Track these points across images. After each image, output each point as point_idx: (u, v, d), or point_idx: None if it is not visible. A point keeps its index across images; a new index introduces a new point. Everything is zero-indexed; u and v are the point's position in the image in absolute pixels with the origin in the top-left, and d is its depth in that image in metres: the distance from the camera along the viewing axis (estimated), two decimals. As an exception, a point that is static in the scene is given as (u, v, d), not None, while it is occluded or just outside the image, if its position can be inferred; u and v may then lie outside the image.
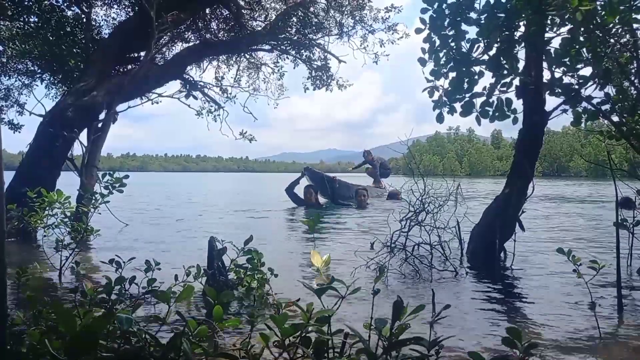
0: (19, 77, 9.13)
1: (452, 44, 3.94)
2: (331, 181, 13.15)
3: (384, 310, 3.15)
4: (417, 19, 3.96)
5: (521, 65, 4.28)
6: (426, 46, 4.02)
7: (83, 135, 7.76)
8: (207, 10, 10.06)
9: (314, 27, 10.19)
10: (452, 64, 3.99)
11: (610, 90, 3.87)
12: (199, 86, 10.46)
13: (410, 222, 5.17)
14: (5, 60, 8.66)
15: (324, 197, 13.14)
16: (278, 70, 11.55)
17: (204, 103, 11.13)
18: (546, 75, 4.38)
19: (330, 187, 13.03)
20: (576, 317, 3.15)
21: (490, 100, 4.06)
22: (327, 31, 10.59)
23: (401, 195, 9.95)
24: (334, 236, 7.11)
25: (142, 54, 8.87)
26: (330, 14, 10.62)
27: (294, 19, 9.96)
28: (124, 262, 3.32)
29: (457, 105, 4.14)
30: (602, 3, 3.21)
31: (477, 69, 4.03)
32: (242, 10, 9.99)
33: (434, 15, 3.84)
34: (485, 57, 3.95)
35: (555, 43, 3.78)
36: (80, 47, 8.57)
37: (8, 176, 4.68)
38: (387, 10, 10.59)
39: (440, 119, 4.20)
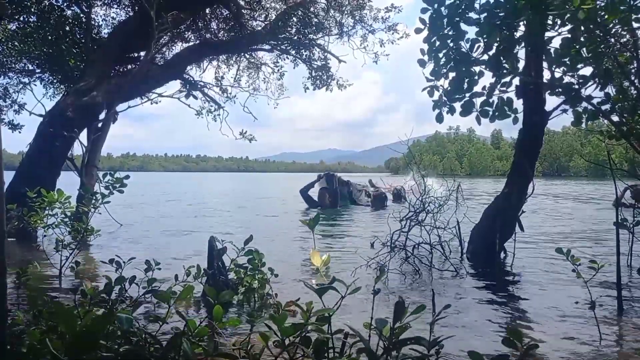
0: (18, 76, 9.12)
1: (451, 44, 3.94)
2: (347, 184, 13.76)
3: (384, 310, 3.15)
4: (417, 19, 3.96)
5: (521, 65, 4.28)
6: (425, 47, 4.01)
7: (83, 135, 7.76)
8: (207, 10, 10.05)
9: (314, 27, 10.18)
10: (452, 63, 3.99)
11: (611, 90, 3.87)
12: (199, 86, 10.45)
13: (410, 222, 5.17)
14: (4, 60, 8.65)
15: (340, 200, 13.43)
16: (278, 70, 11.56)
17: (204, 103, 11.14)
18: (546, 75, 4.39)
19: (347, 191, 13.60)
20: (576, 317, 3.15)
21: (491, 100, 4.06)
22: (327, 31, 10.58)
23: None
24: (335, 236, 7.11)
25: (142, 54, 8.87)
26: (330, 14, 10.61)
27: (294, 19, 9.95)
28: (124, 262, 3.32)
29: (457, 105, 4.14)
30: (603, 3, 3.21)
31: (477, 68, 4.03)
32: (242, 10, 9.99)
33: (434, 15, 3.84)
34: (485, 56, 3.95)
35: (555, 43, 3.78)
36: (80, 47, 8.56)
37: (8, 176, 4.68)
38: (387, 10, 10.58)
39: (439, 118, 4.20)
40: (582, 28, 3.30)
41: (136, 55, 9.28)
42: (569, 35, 3.48)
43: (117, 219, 8.05)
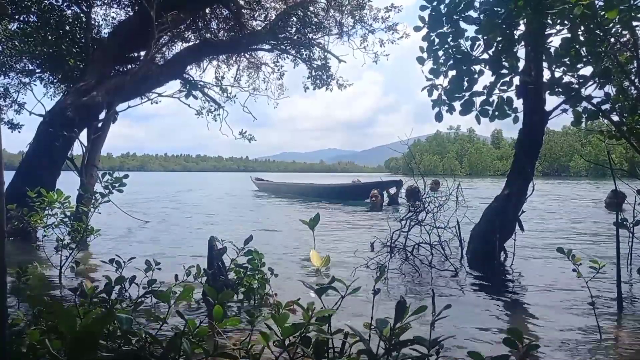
0: (19, 76, 9.12)
1: (451, 42, 3.94)
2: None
3: (384, 310, 3.15)
4: (417, 17, 3.96)
5: (521, 64, 4.28)
6: (425, 45, 4.02)
7: (83, 135, 7.76)
8: (207, 10, 10.05)
9: (313, 27, 10.17)
10: (451, 62, 3.99)
11: (610, 89, 3.87)
12: (199, 86, 10.44)
13: (410, 222, 5.18)
14: (4, 60, 8.64)
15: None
16: (278, 70, 11.55)
17: (204, 103, 11.12)
18: (546, 74, 4.39)
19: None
20: (576, 317, 3.15)
21: (490, 99, 4.06)
22: (327, 31, 10.58)
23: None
24: (336, 235, 7.10)
25: (142, 53, 8.87)
26: (330, 14, 10.62)
27: (294, 18, 9.95)
28: (124, 262, 3.32)
29: (457, 104, 4.14)
30: (602, 2, 3.21)
31: (477, 67, 4.03)
32: (242, 10, 9.98)
33: (433, 13, 3.84)
34: (485, 55, 3.95)
35: (555, 42, 3.78)
36: (80, 47, 8.56)
37: (8, 176, 4.68)
38: (387, 10, 10.58)
39: (439, 117, 4.20)
40: (582, 27, 3.30)
41: (136, 55, 9.28)
42: (569, 35, 3.48)
43: (136, 218, 8.07)
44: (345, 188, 16.01)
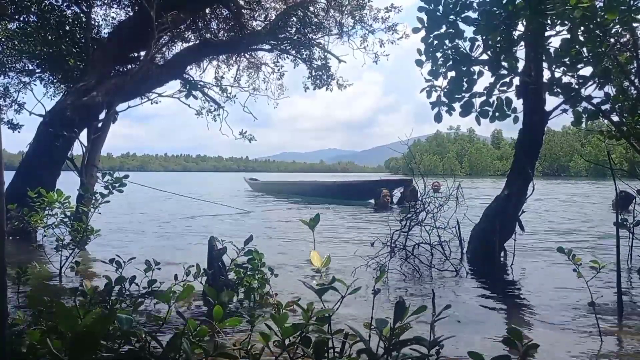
0: (18, 76, 9.12)
1: (449, 43, 3.94)
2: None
3: (384, 310, 3.16)
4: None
5: (521, 64, 4.28)
6: (423, 47, 4.01)
7: (83, 135, 7.76)
8: (207, 10, 10.05)
9: (313, 27, 10.17)
10: (450, 63, 3.99)
11: (610, 89, 3.88)
12: (199, 86, 10.43)
13: (410, 222, 5.17)
14: (4, 60, 8.64)
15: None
16: (278, 70, 11.54)
17: (204, 103, 11.11)
18: (546, 74, 4.39)
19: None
20: (576, 317, 3.15)
21: (490, 100, 4.06)
22: (327, 31, 10.58)
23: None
24: (335, 235, 7.11)
25: (142, 53, 8.86)
26: (330, 14, 10.62)
27: (294, 18, 9.95)
28: (124, 262, 3.32)
29: (457, 105, 4.15)
30: (602, 3, 3.21)
31: (476, 68, 4.03)
32: (242, 10, 9.98)
33: (431, 15, 3.84)
34: (485, 56, 3.95)
35: (555, 43, 3.78)
36: (80, 47, 8.56)
37: (8, 176, 4.67)
38: (387, 10, 10.59)
39: (438, 118, 4.21)
40: (582, 28, 3.30)
41: (136, 55, 9.27)
42: (569, 36, 3.48)
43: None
44: (346, 186, 15.90)
